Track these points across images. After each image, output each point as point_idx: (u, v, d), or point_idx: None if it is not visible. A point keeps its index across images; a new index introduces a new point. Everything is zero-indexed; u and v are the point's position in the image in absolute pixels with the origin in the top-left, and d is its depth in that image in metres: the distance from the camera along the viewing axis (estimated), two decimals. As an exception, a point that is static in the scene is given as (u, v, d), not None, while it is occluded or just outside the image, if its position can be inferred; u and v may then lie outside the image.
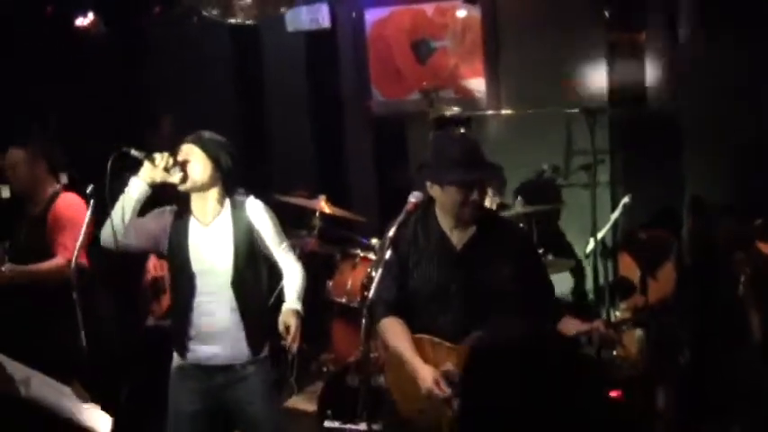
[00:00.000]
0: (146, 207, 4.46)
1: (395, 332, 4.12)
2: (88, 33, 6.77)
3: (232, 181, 4.46)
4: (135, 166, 4.36)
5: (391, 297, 4.12)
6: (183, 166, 4.32)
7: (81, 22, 6.69)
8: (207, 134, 4.43)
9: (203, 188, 4.39)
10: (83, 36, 6.82)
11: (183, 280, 4.42)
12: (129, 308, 6.46)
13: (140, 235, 4.44)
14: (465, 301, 3.99)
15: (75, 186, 6.23)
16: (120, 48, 7.30)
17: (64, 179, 6.73)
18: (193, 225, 4.43)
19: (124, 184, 4.40)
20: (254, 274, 4.48)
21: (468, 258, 4.02)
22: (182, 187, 4.36)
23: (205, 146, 4.37)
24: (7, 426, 3.92)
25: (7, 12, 6.45)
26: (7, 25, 6.50)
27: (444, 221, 4.06)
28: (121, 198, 4.34)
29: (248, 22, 3.68)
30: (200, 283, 4.39)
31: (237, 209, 4.44)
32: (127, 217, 4.33)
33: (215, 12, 3.71)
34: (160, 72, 8.06)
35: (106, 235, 4.41)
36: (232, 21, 3.76)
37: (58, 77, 6.93)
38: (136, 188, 4.34)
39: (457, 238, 4.05)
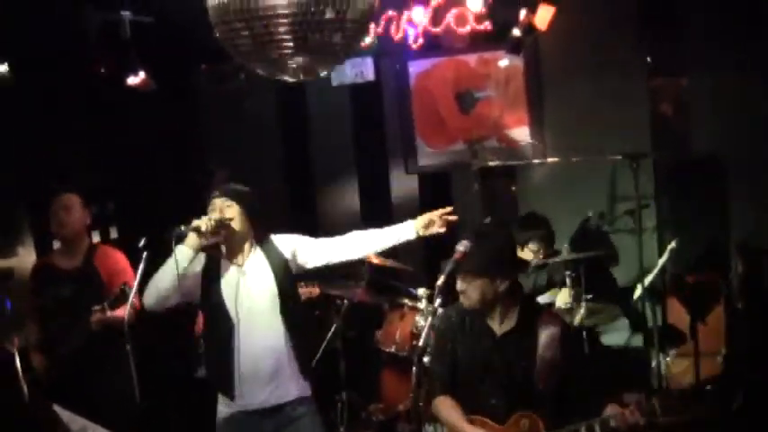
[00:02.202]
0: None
1: (448, 409, 4.19)
2: (138, 92, 6.91)
3: (262, 226, 4.59)
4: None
5: (445, 375, 4.20)
6: (225, 225, 4.44)
7: (132, 80, 6.82)
8: (236, 186, 4.60)
9: (239, 237, 4.50)
10: (133, 94, 6.96)
11: (221, 325, 4.49)
12: (179, 360, 6.53)
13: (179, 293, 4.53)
14: (507, 386, 4.06)
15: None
16: (171, 105, 7.43)
17: (114, 233, 6.89)
18: (225, 269, 4.52)
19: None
20: (298, 304, 4.57)
21: (509, 343, 4.09)
22: (219, 242, 4.47)
23: (239, 198, 4.52)
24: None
25: (59, 69, 6.61)
26: (58, 83, 6.67)
27: (487, 312, 4.14)
28: (169, 265, 4.41)
29: (300, 79, 3.76)
30: (240, 325, 4.46)
31: (266, 246, 4.56)
32: (175, 283, 4.40)
33: (266, 71, 3.79)
34: (208, 128, 8.22)
35: (151, 298, 4.49)
36: (285, 79, 3.84)
37: (107, 134, 7.11)
38: (185, 257, 4.40)
39: (498, 326, 4.12)
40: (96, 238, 6.84)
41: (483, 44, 7.43)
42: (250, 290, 4.48)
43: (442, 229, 4.47)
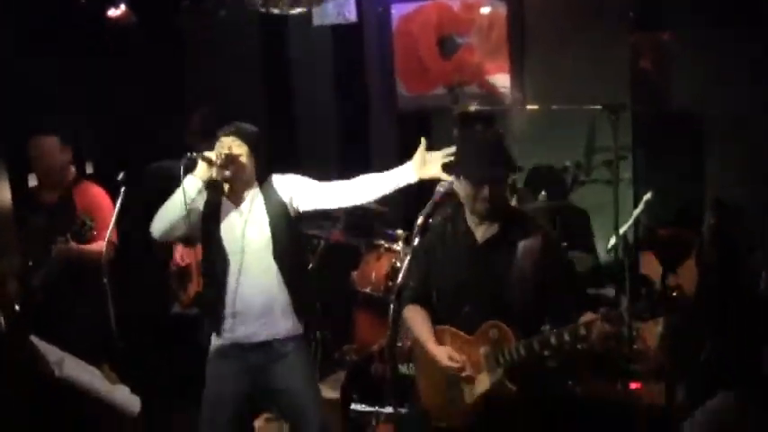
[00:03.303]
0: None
1: (416, 319, 4.22)
2: (119, 24, 6.83)
3: (264, 166, 4.60)
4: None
5: (418, 285, 4.22)
6: (235, 161, 4.44)
7: (112, 12, 6.75)
8: (244, 125, 4.59)
9: (245, 176, 4.51)
10: (114, 27, 6.89)
11: (218, 262, 4.54)
12: (156, 294, 6.55)
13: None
14: (483, 294, 4.06)
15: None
16: (151, 39, 7.36)
17: (90, 168, 6.86)
18: (226, 208, 4.54)
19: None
20: (295, 247, 4.60)
21: (488, 253, 4.08)
22: (227, 177, 4.47)
23: (248, 137, 4.53)
24: (42, 405, 4.02)
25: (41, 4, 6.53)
26: (40, 16, 6.58)
27: (470, 216, 4.13)
28: (177, 194, 4.43)
29: (294, 12, 3.74)
30: (236, 263, 4.50)
31: (266, 187, 4.57)
32: (183, 213, 4.42)
33: (256, 4, 3.77)
34: (188, 64, 8.15)
35: (160, 229, 4.51)
36: (275, 11, 3.81)
37: (85, 68, 7.05)
38: (194, 186, 4.43)
39: (480, 232, 4.11)
40: (91, 170, 6.82)
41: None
42: (246, 231, 4.52)
43: (442, 174, 4.32)
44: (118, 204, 5.28)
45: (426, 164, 4.39)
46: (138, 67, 7.29)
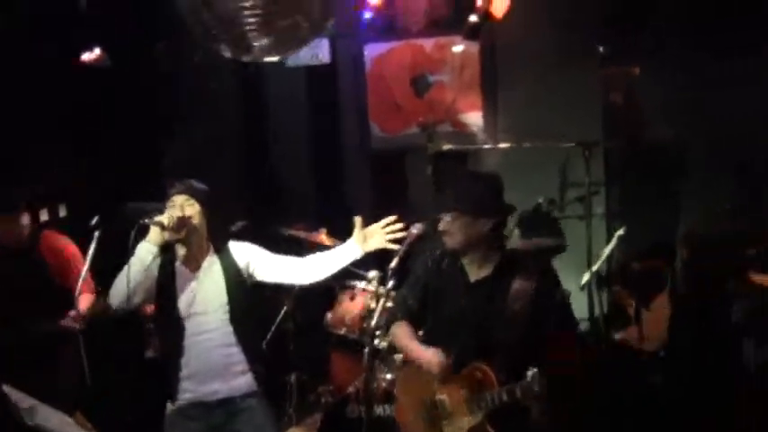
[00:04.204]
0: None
1: (404, 333, 4.24)
2: (94, 68, 6.85)
3: (220, 228, 4.61)
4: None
5: (412, 307, 4.24)
6: (187, 222, 4.44)
7: (88, 56, 6.76)
8: (196, 184, 4.56)
9: (199, 236, 4.51)
10: (89, 71, 6.90)
11: (173, 324, 4.51)
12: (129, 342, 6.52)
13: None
14: (473, 333, 4.07)
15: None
16: (126, 82, 7.37)
17: (63, 211, 6.81)
18: (180, 271, 4.52)
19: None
20: (250, 310, 4.57)
21: (480, 293, 4.10)
22: (180, 239, 4.47)
23: (200, 196, 4.51)
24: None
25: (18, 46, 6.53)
26: (16, 60, 6.59)
27: (465, 256, 4.14)
28: (132, 263, 4.37)
29: (264, 60, 3.77)
30: (191, 325, 4.48)
31: (223, 254, 4.56)
32: (140, 280, 4.39)
33: (228, 51, 3.79)
34: (163, 106, 8.14)
35: (118, 298, 4.45)
36: (247, 60, 3.84)
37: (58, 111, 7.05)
38: (148, 252, 4.39)
39: (474, 272, 4.13)
40: (45, 216, 6.76)
41: (439, 29, 7.47)
42: (202, 294, 4.50)
43: (387, 245, 4.44)
44: (92, 248, 5.25)
45: (367, 238, 4.49)
46: (114, 109, 7.30)
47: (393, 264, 4.06)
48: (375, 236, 4.50)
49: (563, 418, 4.77)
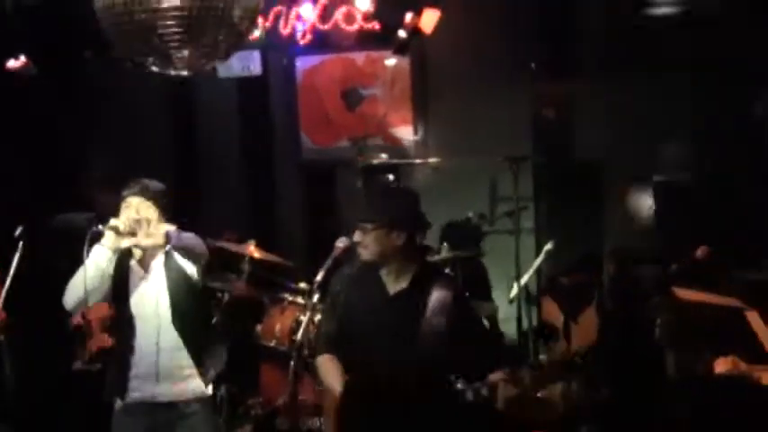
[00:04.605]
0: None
1: (327, 368, 4.21)
2: (19, 75, 6.75)
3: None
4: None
5: (331, 334, 4.22)
6: (143, 225, 4.37)
7: (12, 64, 6.67)
8: (150, 183, 4.46)
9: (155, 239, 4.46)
10: (14, 78, 6.81)
11: (126, 324, 4.47)
12: (53, 353, 6.42)
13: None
14: (393, 346, 4.08)
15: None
16: (52, 91, 7.28)
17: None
18: (134, 272, 4.49)
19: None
20: (195, 312, 4.54)
21: (399, 305, 4.11)
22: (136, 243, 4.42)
23: (154, 197, 4.43)
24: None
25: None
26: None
27: (384, 268, 4.15)
28: (88, 266, 4.30)
29: (185, 73, 3.74)
30: (140, 324, 4.44)
31: (169, 254, 4.51)
32: (96, 283, 4.33)
33: (153, 64, 3.77)
34: (92, 116, 8.06)
35: (74, 301, 4.40)
36: (171, 73, 3.81)
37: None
38: (103, 257, 4.33)
39: (391, 284, 4.14)
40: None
41: (371, 43, 7.50)
42: (150, 295, 4.45)
43: None
44: (16, 259, 5.18)
45: None
46: (39, 117, 7.20)
47: (318, 277, 4.05)
48: None
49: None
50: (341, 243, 4.09)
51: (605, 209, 7.25)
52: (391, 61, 7.41)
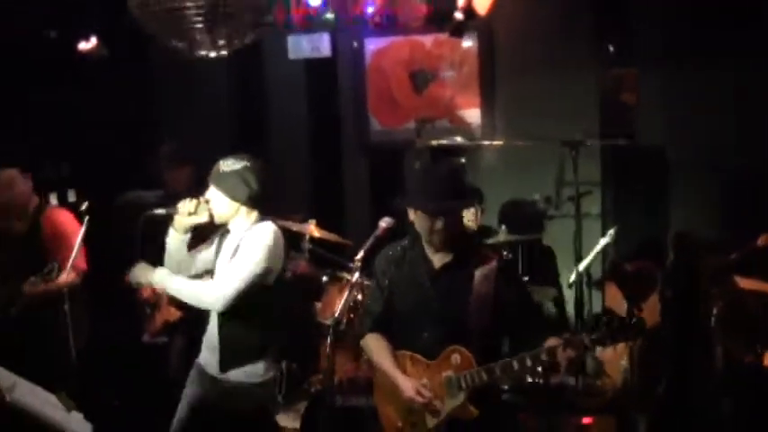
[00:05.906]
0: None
1: (376, 347, 4.28)
2: (90, 58, 6.92)
3: (256, 203, 4.60)
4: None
5: (378, 312, 4.28)
6: (205, 206, 4.54)
7: (83, 46, 6.83)
8: (222, 168, 4.54)
9: (231, 219, 4.59)
10: (85, 60, 6.98)
11: None
12: (123, 323, 6.59)
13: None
14: (443, 319, 4.13)
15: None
16: (123, 74, 7.44)
17: (53, 200, 6.92)
18: (226, 245, 4.66)
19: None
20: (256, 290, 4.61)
21: (446, 278, 4.16)
22: (216, 221, 4.59)
23: (219, 183, 4.53)
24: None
25: (12, 34, 6.61)
26: (11, 47, 6.67)
27: (427, 245, 4.20)
28: (168, 251, 4.60)
29: (213, 55, 3.80)
30: None
31: (247, 231, 4.59)
32: (179, 262, 4.62)
33: (181, 46, 3.85)
34: (160, 96, 8.25)
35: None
36: (200, 54, 3.89)
37: (57, 99, 7.14)
38: (173, 240, 4.59)
39: (438, 260, 4.19)
40: (54, 200, 6.88)
41: (439, 25, 7.48)
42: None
43: None
44: (81, 234, 5.36)
45: None
46: (109, 99, 7.39)
47: (359, 256, 4.10)
48: None
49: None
50: (384, 223, 4.14)
51: (671, 195, 7.14)
52: (467, 43, 7.43)
